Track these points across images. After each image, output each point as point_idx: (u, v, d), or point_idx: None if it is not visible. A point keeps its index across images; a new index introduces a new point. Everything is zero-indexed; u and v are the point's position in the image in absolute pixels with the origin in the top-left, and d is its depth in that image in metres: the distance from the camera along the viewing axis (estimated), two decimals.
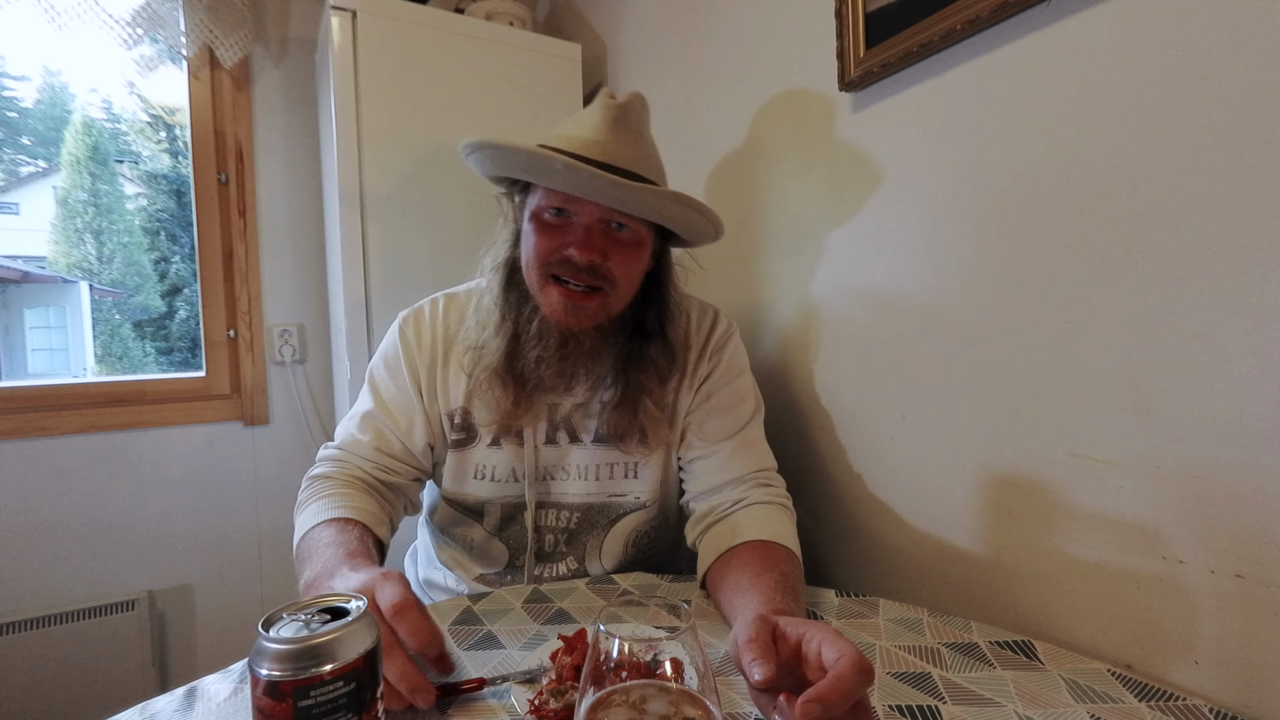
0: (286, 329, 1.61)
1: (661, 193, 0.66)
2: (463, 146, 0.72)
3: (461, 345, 0.77)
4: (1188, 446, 0.53)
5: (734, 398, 0.79)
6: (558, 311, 0.69)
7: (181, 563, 1.51)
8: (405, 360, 0.77)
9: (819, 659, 0.41)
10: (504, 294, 0.74)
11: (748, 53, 1.04)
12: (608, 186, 0.63)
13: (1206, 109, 0.51)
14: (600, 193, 0.65)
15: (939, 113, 0.73)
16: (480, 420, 0.76)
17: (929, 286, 0.76)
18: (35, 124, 1.64)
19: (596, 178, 0.62)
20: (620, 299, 0.72)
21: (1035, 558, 0.66)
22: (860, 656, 0.39)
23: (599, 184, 0.63)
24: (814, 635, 0.43)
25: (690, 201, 0.68)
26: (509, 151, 0.67)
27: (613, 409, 0.75)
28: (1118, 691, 0.51)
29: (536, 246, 0.70)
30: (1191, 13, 0.52)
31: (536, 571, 0.81)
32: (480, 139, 0.68)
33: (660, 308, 0.77)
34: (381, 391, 0.78)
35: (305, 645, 0.35)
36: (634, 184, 0.63)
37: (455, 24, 1.30)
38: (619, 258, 0.69)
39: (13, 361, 1.76)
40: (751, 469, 0.76)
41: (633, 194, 0.64)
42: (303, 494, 0.73)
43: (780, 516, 0.72)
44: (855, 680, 0.38)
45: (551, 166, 0.63)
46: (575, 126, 0.70)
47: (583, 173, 0.62)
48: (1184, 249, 0.53)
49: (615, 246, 0.69)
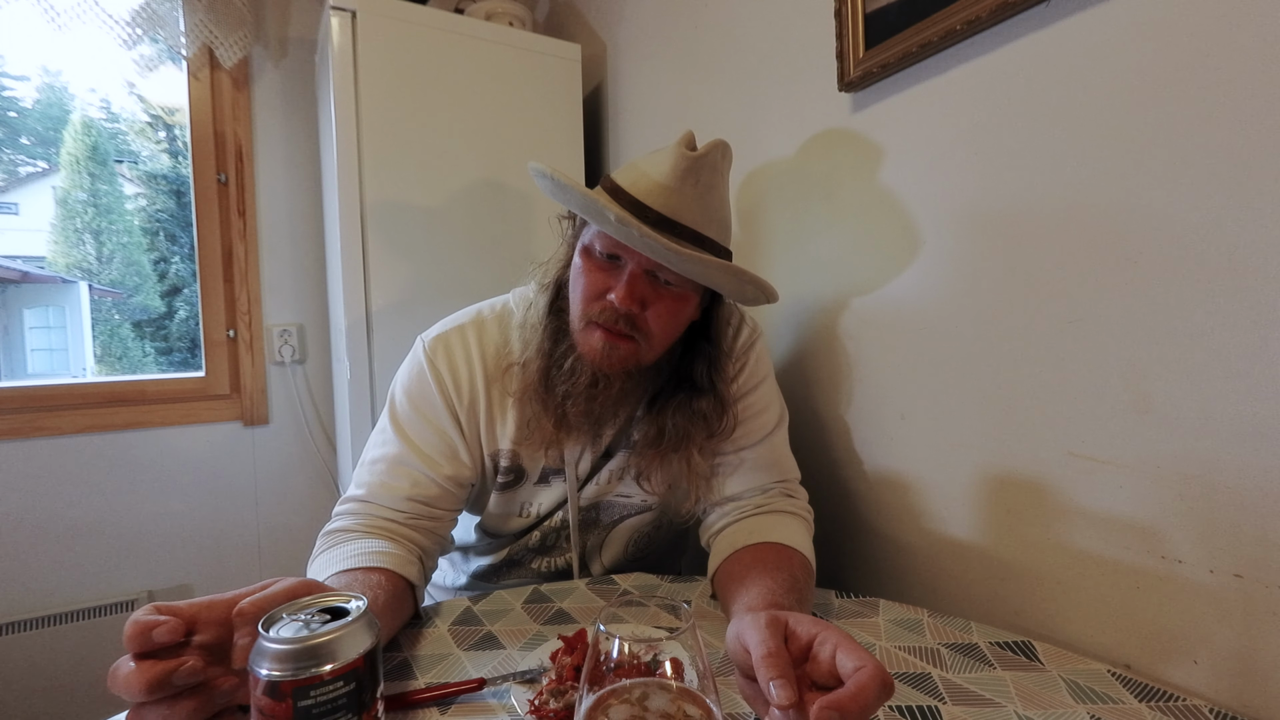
0: (286, 329, 1.61)
1: (712, 263, 0.63)
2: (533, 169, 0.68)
3: (500, 367, 0.73)
4: (1188, 446, 0.53)
5: (757, 405, 0.78)
6: (596, 352, 0.67)
7: (181, 563, 1.51)
8: (442, 398, 0.71)
9: (832, 663, 0.40)
10: (547, 315, 0.72)
11: (747, 53, 1.04)
12: (657, 249, 0.61)
13: (1206, 108, 0.51)
14: (649, 249, 0.62)
15: (939, 113, 0.73)
16: (529, 462, 0.74)
17: (929, 286, 0.76)
18: (35, 124, 1.63)
19: (645, 239, 0.60)
20: (652, 350, 0.69)
21: (1035, 558, 0.66)
22: (883, 670, 0.38)
23: (648, 244, 0.61)
24: (829, 638, 0.41)
25: (741, 273, 0.65)
26: (568, 191, 0.64)
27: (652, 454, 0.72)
28: (1117, 692, 0.51)
29: (584, 286, 0.68)
30: (1191, 13, 0.52)
31: (534, 565, 0.81)
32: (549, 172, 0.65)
33: (708, 363, 0.74)
34: (411, 433, 0.71)
35: (305, 645, 0.35)
36: (684, 251, 0.61)
37: (455, 24, 1.30)
38: (658, 308, 0.67)
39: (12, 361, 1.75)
40: (774, 479, 0.75)
41: (681, 261, 0.62)
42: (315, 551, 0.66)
43: (799, 527, 0.71)
44: (876, 693, 0.37)
45: (604, 217, 0.61)
46: (649, 165, 0.67)
47: (633, 230, 0.60)
48: (1184, 249, 0.53)
49: (657, 297, 0.67)
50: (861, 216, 0.84)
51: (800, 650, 0.42)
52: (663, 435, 0.71)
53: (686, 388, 0.73)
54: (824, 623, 0.43)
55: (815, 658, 0.41)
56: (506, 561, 0.82)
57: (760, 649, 0.40)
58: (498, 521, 0.79)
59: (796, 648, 0.42)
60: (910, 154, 0.77)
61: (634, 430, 0.74)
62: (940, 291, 0.74)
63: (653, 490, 0.76)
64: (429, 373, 0.71)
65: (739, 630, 0.44)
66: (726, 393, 0.74)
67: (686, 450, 0.72)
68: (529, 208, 1.38)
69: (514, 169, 1.36)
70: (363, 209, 1.21)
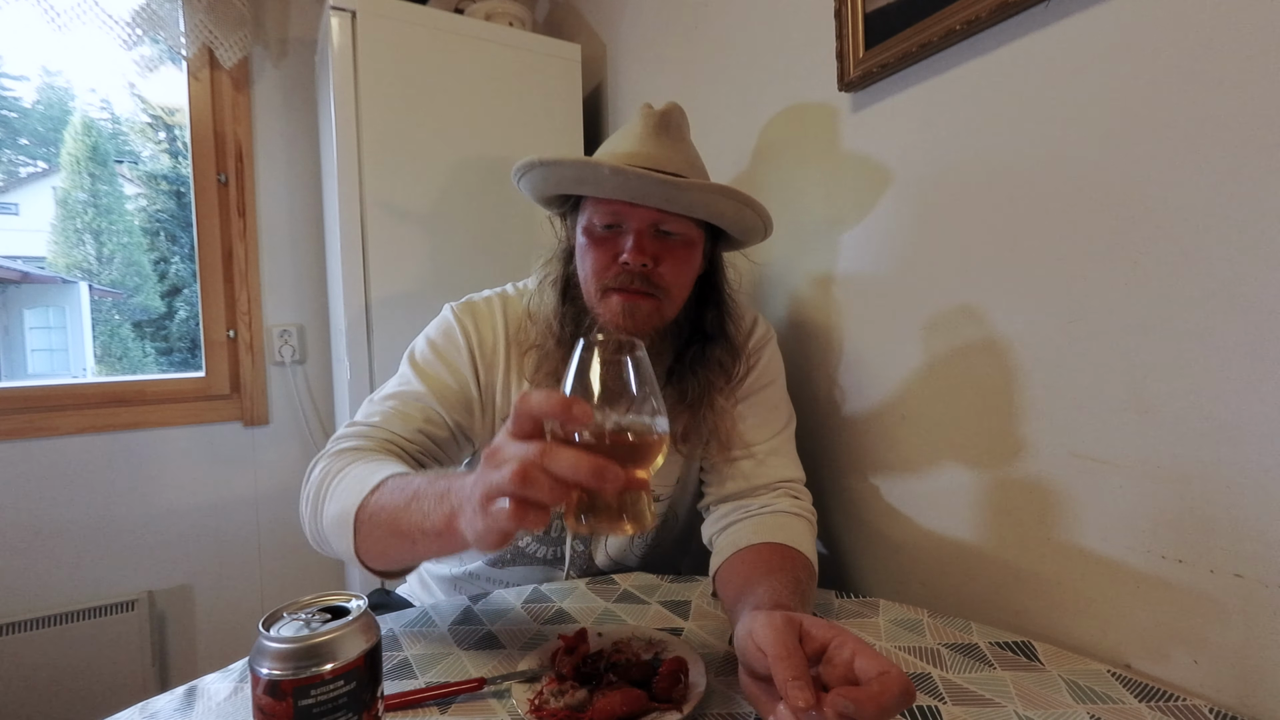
0: (286, 329, 1.61)
1: (711, 187, 0.66)
2: (515, 171, 0.71)
3: (520, 349, 0.75)
4: (1188, 446, 0.53)
5: (767, 404, 0.79)
6: (617, 315, 0.68)
7: (181, 563, 1.51)
8: (466, 351, 0.73)
9: (848, 667, 0.40)
10: (560, 308, 0.74)
11: (747, 53, 1.04)
12: (656, 186, 0.63)
13: (1206, 108, 0.51)
14: (649, 194, 0.65)
15: (938, 113, 0.73)
16: None
17: (929, 287, 0.76)
18: (35, 124, 1.63)
19: (644, 179, 0.62)
20: (673, 304, 0.71)
21: (1035, 558, 0.66)
22: (906, 679, 0.38)
23: (647, 185, 0.63)
24: (846, 642, 0.41)
25: (739, 195, 0.67)
26: (558, 166, 0.66)
27: (683, 410, 0.74)
28: (1118, 692, 0.52)
29: (592, 262, 0.69)
30: (1191, 13, 0.52)
31: (541, 554, 0.81)
32: (532, 158, 0.68)
33: (718, 309, 0.76)
34: (431, 375, 0.72)
35: (306, 644, 0.35)
36: (682, 180, 0.63)
37: (455, 24, 1.30)
38: (670, 261, 0.69)
39: (12, 362, 1.76)
40: (780, 478, 0.75)
41: (682, 190, 0.64)
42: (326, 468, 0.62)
43: (803, 528, 0.71)
44: (897, 698, 0.37)
45: (599, 174, 0.64)
46: (619, 141, 0.70)
47: (629, 175, 0.62)
48: (1184, 249, 0.53)
49: (666, 251, 0.69)
50: (861, 217, 0.84)
51: (814, 652, 0.42)
52: (687, 394, 0.74)
53: (699, 339, 0.76)
54: (840, 627, 0.43)
55: (830, 660, 0.41)
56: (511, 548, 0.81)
57: (777, 648, 0.40)
58: None
59: (811, 649, 0.42)
60: (910, 154, 0.77)
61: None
62: (940, 291, 0.74)
63: (689, 454, 0.77)
64: (456, 328, 0.75)
65: (751, 629, 0.43)
66: (737, 336, 0.77)
67: (710, 399, 0.74)
68: (529, 208, 1.38)
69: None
70: (362, 209, 1.21)
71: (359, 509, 0.54)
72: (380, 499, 0.54)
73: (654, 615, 0.67)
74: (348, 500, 0.56)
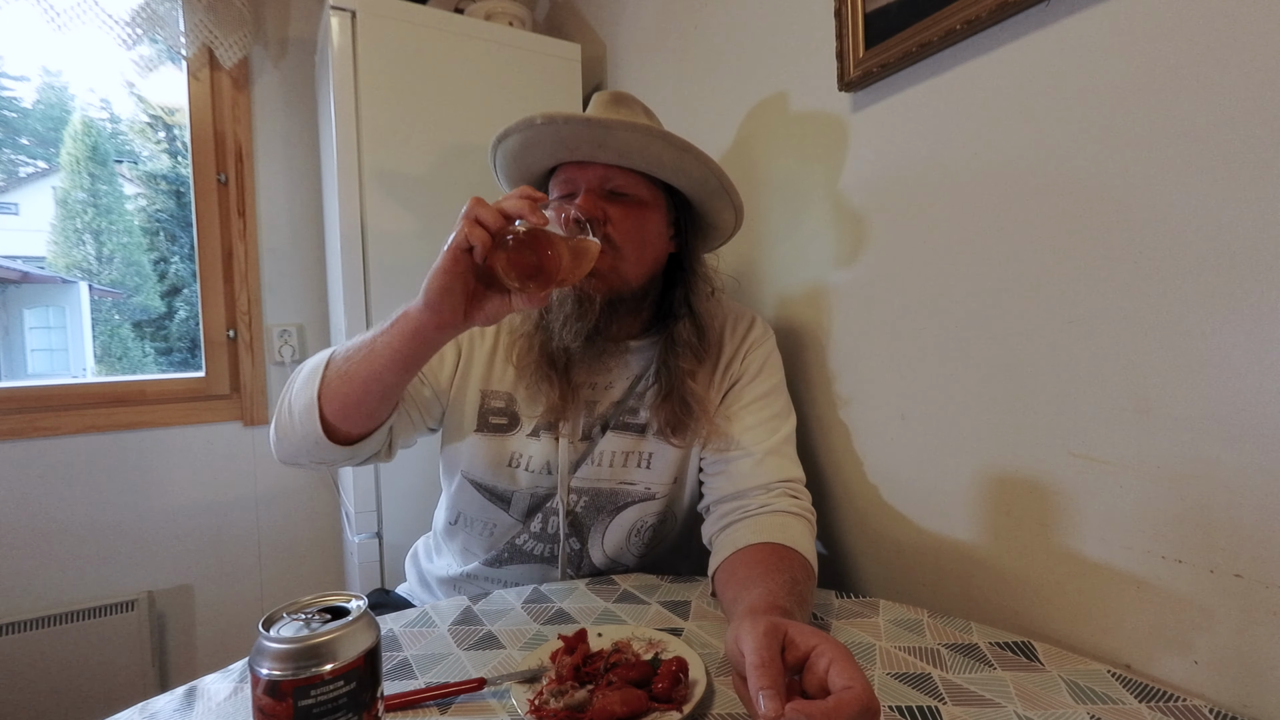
0: (286, 329, 1.61)
1: (639, 126, 0.67)
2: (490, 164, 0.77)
3: (508, 334, 0.79)
4: (1188, 446, 0.53)
5: (767, 404, 0.79)
6: None
7: (181, 563, 1.51)
8: None
9: (823, 679, 0.40)
10: None
11: (747, 53, 1.04)
12: (584, 127, 0.66)
13: (1206, 108, 0.51)
14: (579, 138, 0.68)
15: (938, 113, 0.73)
16: (525, 411, 0.78)
17: (929, 287, 0.76)
18: (35, 124, 1.64)
19: (573, 120, 0.66)
20: (630, 264, 0.73)
21: (1035, 558, 0.66)
22: (870, 695, 0.37)
23: (575, 127, 0.66)
24: (826, 651, 0.41)
25: (674, 138, 0.68)
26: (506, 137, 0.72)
27: (665, 402, 0.76)
28: (1118, 692, 0.52)
29: None
30: (1191, 13, 0.52)
31: (538, 551, 0.81)
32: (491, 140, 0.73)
33: (685, 287, 0.78)
34: None
35: (306, 645, 0.35)
36: (609, 119, 0.66)
37: (455, 24, 1.30)
38: (619, 217, 0.72)
39: (12, 362, 1.76)
40: (779, 478, 0.75)
41: (610, 130, 0.66)
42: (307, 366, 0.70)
43: (802, 528, 0.71)
44: (854, 716, 0.36)
45: (532, 125, 0.67)
46: None
47: (557, 118, 0.65)
48: (1184, 248, 0.53)
49: (616, 207, 0.72)
50: (861, 217, 0.84)
51: (797, 660, 0.42)
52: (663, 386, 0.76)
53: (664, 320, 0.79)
54: (825, 635, 0.43)
55: (811, 668, 0.41)
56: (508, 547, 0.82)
57: (754, 657, 0.40)
58: (488, 472, 0.79)
59: (794, 657, 0.42)
60: (910, 154, 0.77)
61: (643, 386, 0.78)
62: (940, 291, 0.74)
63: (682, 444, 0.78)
64: None
65: (737, 634, 0.44)
66: (704, 312, 0.78)
67: (684, 384, 0.76)
68: None
69: None
70: (362, 209, 1.21)
71: (329, 358, 0.65)
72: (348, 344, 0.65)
73: (654, 615, 0.67)
74: (319, 358, 0.66)
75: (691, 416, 0.76)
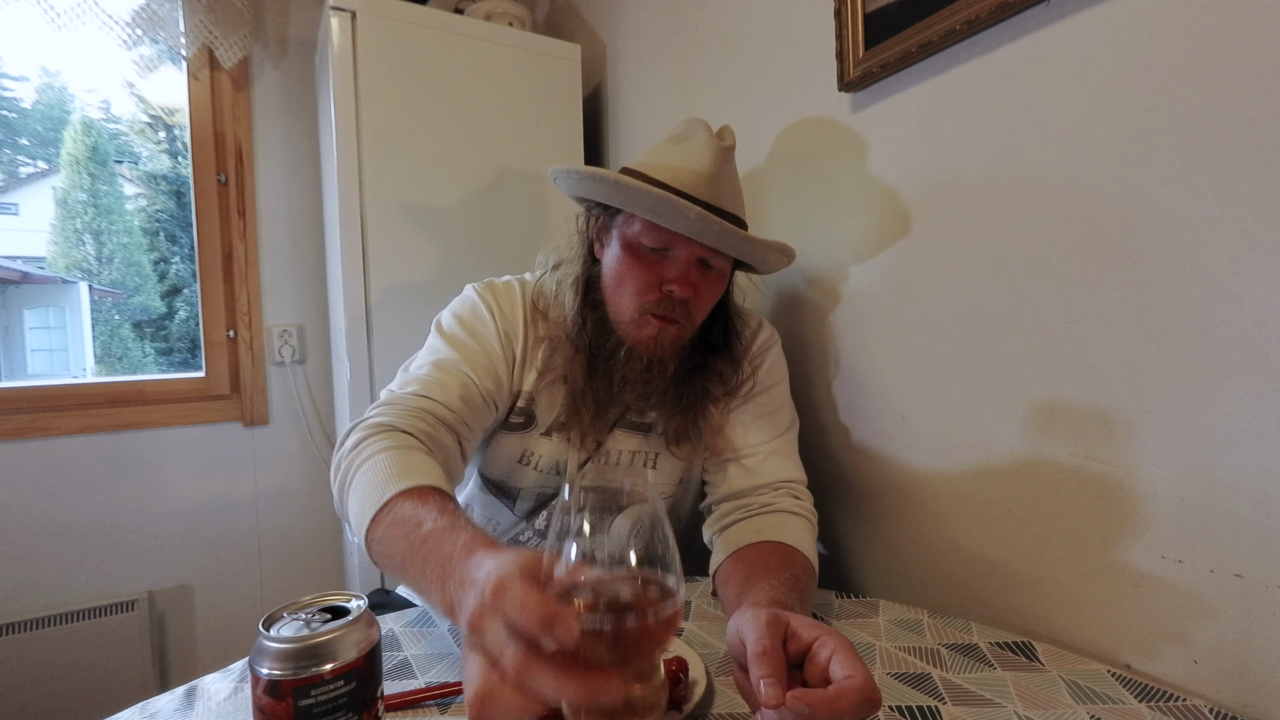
0: (286, 329, 1.61)
1: (780, 246, 0.72)
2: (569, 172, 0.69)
3: (535, 336, 0.76)
4: (1188, 446, 0.53)
5: (770, 405, 0.80)
6: (651, 340, 0.71)
7: (181, 563, 1.51)
8: (493, 323, 0.74)
9: (825, 669, 0.40)
10: (581, 313, 0.74)
11: (747, 53, 1.04)
12: (733, 238, 0.66)
13: (1206, 109, 0.51)
14: (720, 241, 0.67)
15: (938, 113, 0.73)
16: (542, 412, 0.77)
17: (928, 287, 0.76)
18: (34, 124, 1.63)
19: (725, 231, 0.65)
20: (693, 328, 0.74)
21: (1035, 558, 0.66)
22: (871, 685, 0.37)
23: (727, 237, 0.66)
24: (829, 643, 0.41)
25: (789, 251, 0.74)
26: (634, 191, 0.65)
27: (677, 413, 0.76)
28: (1118, 692, 0.52)
29: (634, 281, 0.70)
30: (1191, 13, 0.52)
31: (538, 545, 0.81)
32: (601, 173, 0.66)
33: (725, 324, 0.79)
34: (462, 344, 0.73)
35: (306, 644, 0.35)
36: (757, 238, 0.68)
37: (455, 24, 1.30)
38: (706, 294, 0.72)
39: (12, 362, 1.76)
40: (782, 478, 0.76)
41: (754, 246, 0.69)
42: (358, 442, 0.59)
43: (803, 528, 0.71)
44: (855, 705, 0.36)
45: (684, 215, 0.64)
46: (683, 158, 0.69)
47: (712, 223, 0.64)
48: (1184, 249, 0.53)
49: (705, 282, 0.72)
50: (861, 217, 0.84)
51: (799, 651, 0.42)
52: (683, 398, 0.76)
53: (703, 349, 0.78)
54: (827, 628, 0.43)
55: (813, 659, 0.41)
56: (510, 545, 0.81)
57: (756, 646, 0.40)
58: (502, 468, 0.79)
59: (796, 649, 0.42)
60: (910, 154, 0.77)
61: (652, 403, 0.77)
62: (940, 292, 0.74)
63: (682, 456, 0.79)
64: (481, 303, 0.76)
65: (739, 625, 0.44)
66: (740, 350, 0.79)
67: (704, 406, 0.76)
68: (529, 208, 1.38)
69: (514, 169, 1.36)
70: (362, 209, 1.21)
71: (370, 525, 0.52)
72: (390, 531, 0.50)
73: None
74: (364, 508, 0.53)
75: (699, 435, 0.77)
